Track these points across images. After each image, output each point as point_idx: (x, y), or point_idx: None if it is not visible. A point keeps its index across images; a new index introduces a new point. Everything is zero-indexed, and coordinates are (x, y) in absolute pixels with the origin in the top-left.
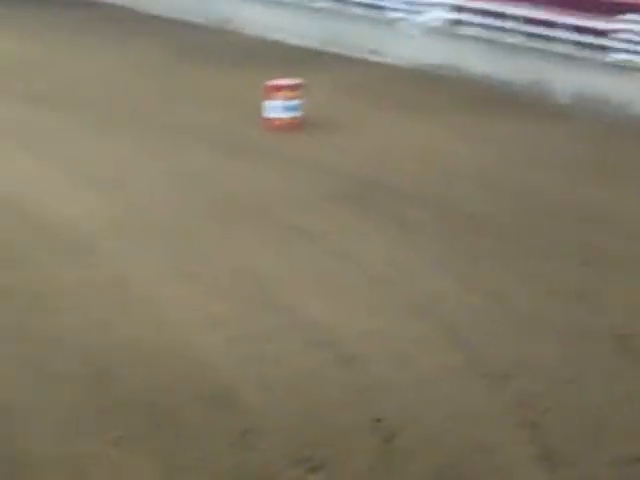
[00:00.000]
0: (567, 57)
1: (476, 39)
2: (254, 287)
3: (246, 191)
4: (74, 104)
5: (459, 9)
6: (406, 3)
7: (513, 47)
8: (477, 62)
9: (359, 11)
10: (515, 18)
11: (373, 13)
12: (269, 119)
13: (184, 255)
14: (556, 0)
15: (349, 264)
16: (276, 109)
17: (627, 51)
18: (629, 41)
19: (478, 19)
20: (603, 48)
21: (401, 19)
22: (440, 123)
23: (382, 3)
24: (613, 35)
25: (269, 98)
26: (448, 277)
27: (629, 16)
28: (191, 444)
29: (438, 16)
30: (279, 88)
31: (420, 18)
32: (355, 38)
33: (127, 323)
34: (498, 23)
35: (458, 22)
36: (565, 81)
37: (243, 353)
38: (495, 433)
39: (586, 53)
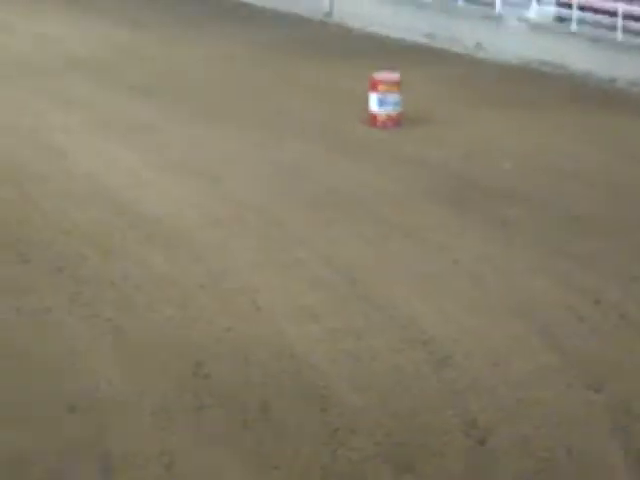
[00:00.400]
0: None
1: (580, 36)
2: (351, 281)
3: (346, 186)
4: (179, 95)
5: (565, 5)
6: None
7: (616, 44)
8: (581, 59)
9: (464, 6)
10: (618, 15)
11: (479, 8)
12: (372, 113)
13: (281, 248)
14: None
15: (447, 262)
16: (378, 103)
17: None
18: None
19: (582, 15)
20: None
21: (507, 14)
22: (542, 120)
23: None
24: None
25: (373, 91)
26: (547, 278)
27: None
28: (283, 442)
29: (544, 12)
30: (381, 82)
31: (526, 14)
32: (460, 33)
33: (223, 315)
34: (602, 20)
35: (563, 18)
36: None
37: (337, 348)
38: (588, 437)
39: None
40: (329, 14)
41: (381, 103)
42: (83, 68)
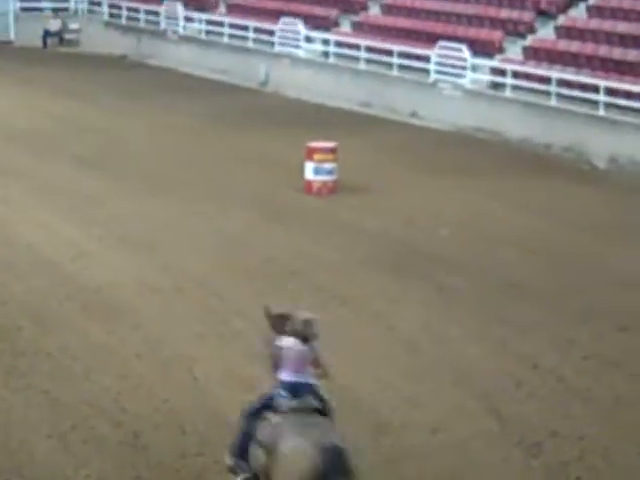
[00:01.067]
0: (604, 120)
1: (515, 102)
2: None
3: (283, 255)
4: (121, 166)
5: (499, 72)
6: (446, 66)
7: (551, 110)
8: (516, 125)
9: (400, 74)
10: (552, 81)
11: (414, 76)
12: (308, 181)
13: (219, 318)
14: (598, 64)
15: (384, 329)
16: (314, 171)
17: None
18: None
19: (517, 82)
20: None
21: (441, 82)
22: (479, 186)
23: (423, 66)
24: None
25: (308, 160)
26: (485, 344)
27: None
28: None
29: (478, 79)
30: (317, 151)
31: (460, 81)
32: (395, 100)
33: (161, 386)
34: (537, 86)
35: (497, 85)
36: (602, 144)
37: None
38: None
39: (623, 117)
40: (265, 83)
41: (317, 171)
42: (23, 139)
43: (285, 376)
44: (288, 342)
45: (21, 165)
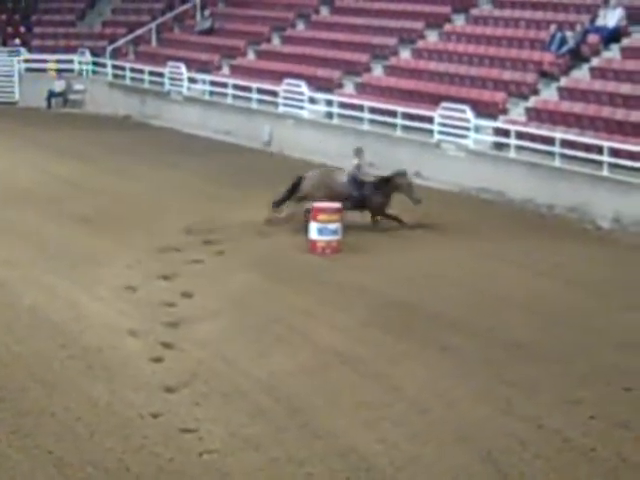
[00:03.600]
0: (608, 181)
1: (518, 163)
2: (291, 411)
3: (286, 314)
4: (124, 226)
5: (502, 133)
6: (450, 127)
7: (554, 171)
8: (519, 185)
9: (403, 134)
10: (556, 142)
11: (418, 136)
12: (312, 241)
13: (223, 378)
14: (601, 125)
15: (388, 389)
16: (319, 232)
17: None
18: None
19: (520, 143)
20: None
21: (445, 142)
22: (482, 246)
23: (427, 126)
24: None
25: (313, 221)
26: (489, 404)
27: None
28: None
29: (481, 140)
30: (321, 211)
31: (464, 141)
32: (399, 161)
33: (165, 446)
34: (540, 147)
35: (501, 146)
36: (605, 205)
37: (277, 478)
38: None
39: (627, 177)
40: (268, 144)
41: (321, 231)
42: (26, 199)
43: None
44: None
45: (23, 225)
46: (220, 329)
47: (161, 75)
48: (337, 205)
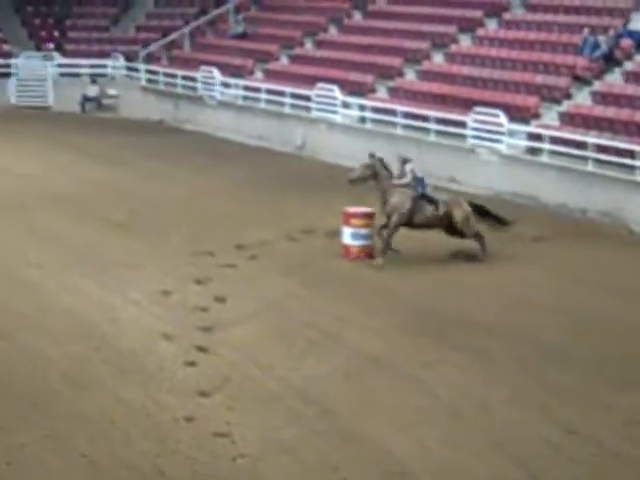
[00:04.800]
0: None
1: (551, 167)
2: (325, 415)
3: (321, 319)
4: (157, 230)
5: (535, 137)
6: (483, 131)
7: (587, 175)
8: (552, 190)
9: (437, 139)
10: (589, 146)
11: (451, 141)
12: (345, 246)
13: (257, 382)
14: (634, 129)
15: (422, 394)
16: (352, 237)
17: None
18: None
19: (554, 147)
20: None
21: (479, 147)
22: (515, 252)
23: (460, 131)
24: None
25: (346, 225)
26: (523, 409)
27: None
28: None
29: (515, 144)
30: (354, 216)
31: (497, 146)
32: (432, 166)
33: (199, 450)
34: (573, 152)
35: (534, 150)
36: (639, 209)
37: None
38: None
39: None
40: (301, 148)
41: (354, 236)
42: (61, 204)
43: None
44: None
45: (58, 230)
46: (253, 333)
47: (194, 80)
48: (369, 210)
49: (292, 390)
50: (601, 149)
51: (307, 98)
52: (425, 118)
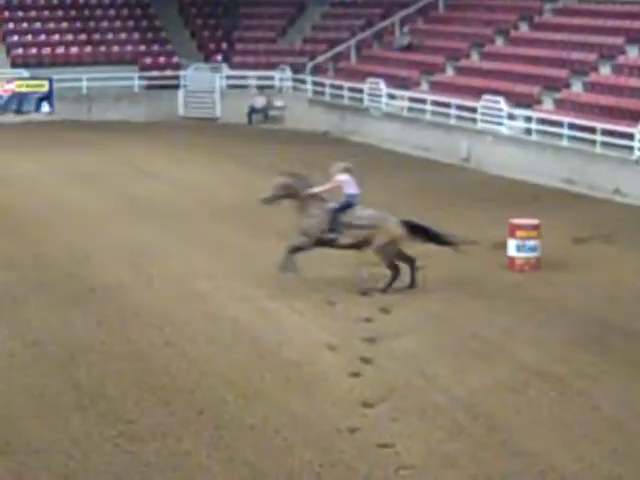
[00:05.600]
0: None
1: None
2: (489, 429)
3: (485, 330)
4: None
5: None
6: None
7: None
8: None
9: (603, 151)
10: None
11: (617, 153)
12: (511, 258)
13: (421, 394)
14: None
15: (587, 408)
16: (517, 248)
17: None
18: None
19: None
20: None
21: None
22: None
23: (627, 143)
24: None
25: (511, 237)
26: None
27: None
28: None
29: None
30: (520, 228)
31: None
32: (598, 178)
33: (362, 461)
34: None
35: None
36: None
37: None
38: None
39: None
40: (467, 159)
41: (519, 248)
42: (226, 215)
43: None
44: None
45: (227, 240)
46: (418, 345)
47: (360, 91)
48: (535, 221)
49: (457, 403)
50: None
51: (473, 110)
52: (592, 130)
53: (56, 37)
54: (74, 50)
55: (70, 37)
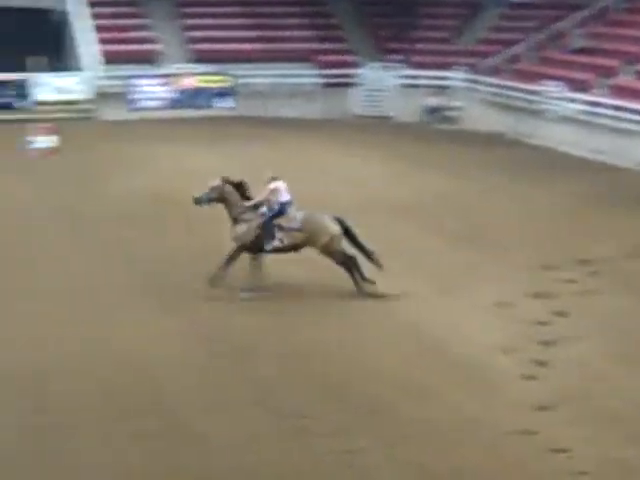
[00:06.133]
0: None
1: None
2: None
3: None
4: (492, 243)
5: None
6: None
7: None
8: None
9: None
10: None
11: None
12: None
13: (595, 398)
14: None
15: None
16: None
17: None
18: None
19: None
20: None
21: None
22: None
23: None
24: None
25: None
26: None
27: None
28: None
29: None
30: None
31: None
32: None
33: (536, 468)
34: None
35: None
36: None
37: None
38: None
39: None
40: None
41: None
42: (398, 213)
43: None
44: (275, 184)
45: (399, 238)
46: (593, 350)
47: (536, 93)
48: None
49: (636, 409)
50: None
51: None
52: None
53: (234, 33)
54: (251, 47)
55: (247, 34)
